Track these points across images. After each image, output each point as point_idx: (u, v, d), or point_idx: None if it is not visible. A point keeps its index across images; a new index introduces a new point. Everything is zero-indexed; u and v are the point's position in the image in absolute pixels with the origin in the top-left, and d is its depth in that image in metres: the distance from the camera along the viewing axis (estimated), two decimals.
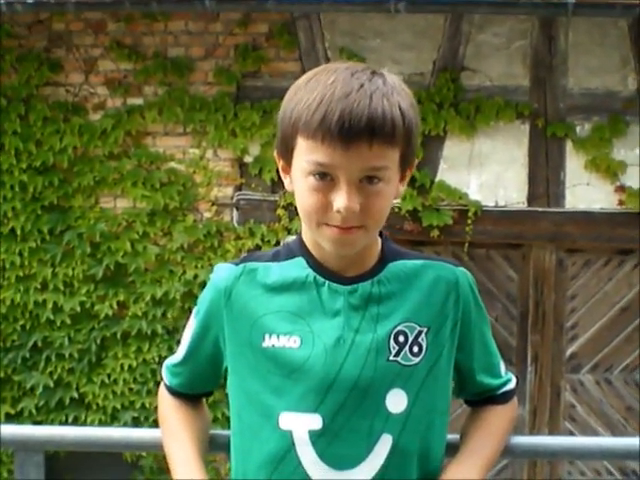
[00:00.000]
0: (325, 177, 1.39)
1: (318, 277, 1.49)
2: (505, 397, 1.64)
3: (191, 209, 5.42)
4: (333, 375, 1.45)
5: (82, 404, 5.47)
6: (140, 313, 5.36)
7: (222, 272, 1.56)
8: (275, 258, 1.55)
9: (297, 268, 1.51)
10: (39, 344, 5.44)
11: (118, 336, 5.40)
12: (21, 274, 5.42)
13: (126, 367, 5.38)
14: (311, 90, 1.40)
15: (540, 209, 5.27)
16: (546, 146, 5.28)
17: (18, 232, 5.38)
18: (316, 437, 1.45)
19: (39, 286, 5.41)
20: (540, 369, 5.39)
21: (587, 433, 5.37)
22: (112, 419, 5.43)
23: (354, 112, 1.35)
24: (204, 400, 1.72)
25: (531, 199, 5.30)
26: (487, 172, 5.31)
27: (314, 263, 1.51)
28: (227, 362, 1.56)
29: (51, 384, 5.42)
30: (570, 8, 4.65)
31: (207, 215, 5.41)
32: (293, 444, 1.46)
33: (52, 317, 5.39)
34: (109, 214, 5.43)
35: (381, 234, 1.54)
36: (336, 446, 1.45)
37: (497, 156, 5.30)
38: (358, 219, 1.40)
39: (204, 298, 1.58)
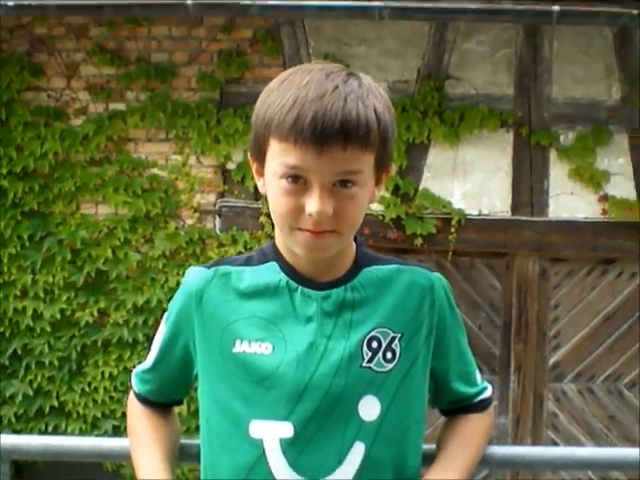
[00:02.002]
0: (298, 180, 1.36)
1: (291, 282, 1.46)
2: (481, 406, 1.61)
3: (173, 216, 5.39)
4: (305, 382, 1.42)
5: (62, 412, 5.42)
6: (121, 321, 5.32)
7: (193, 275, 1.52)
8: (248, 262, 1.52)
9: (270, 273, 1.48)
10: (19, 352, 5.38)
11: (99, 344, 5.36)
12: (0, 281, 5.37)
13: (107, 375, 5.33)
14: (284, 91, 1.37)
15: (524, 218, 5.26)
16: (530, 155, 5.27)
17: None
18: (287, 445, 1.42)
19: (19, 293, 5.37)
20: (523, 378, 5.38)
21: (570, 442, 5.36)
22: (92, 428, 5.37)
23: (327, 114, 1.32)
24: (174, 409, 1.68)
25: (515, 208, 5.29)
26: (471, 180, 5.30)
27: (287, 268, 1.47)
28: (197, 368, 1.52)
29: (31, 392, 5.36)
30: (555, 16, 4.63)
31: (189, 222, 5.38)
32: (264, 453, 1.42)
33: (32, 324, 5.34)
34: (90, 220, 5.39)
35: (356, 239, 1.51)
36: (308, 455, 1.42)
37: (481, 164, 5.29)
38: (331, 223, 1.37)
39: (175, 302, 1.55)
